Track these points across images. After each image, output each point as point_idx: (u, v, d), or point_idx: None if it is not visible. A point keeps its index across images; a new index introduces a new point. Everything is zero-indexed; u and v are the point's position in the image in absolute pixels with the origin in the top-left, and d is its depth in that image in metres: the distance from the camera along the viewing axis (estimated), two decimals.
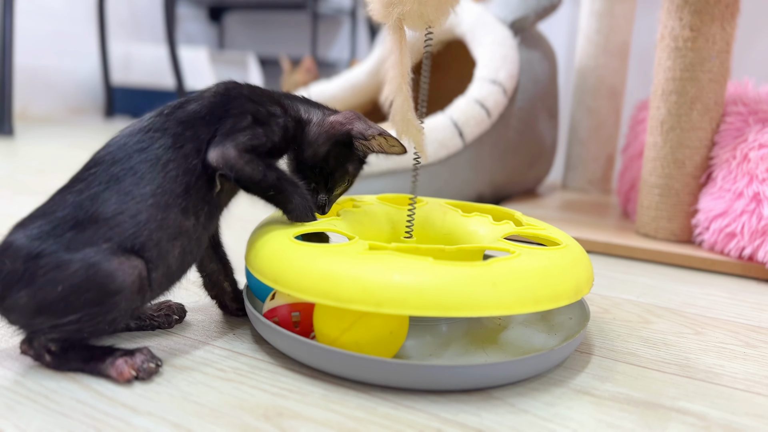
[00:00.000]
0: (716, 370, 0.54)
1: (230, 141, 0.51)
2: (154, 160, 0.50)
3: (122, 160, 0.50)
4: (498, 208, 0.67)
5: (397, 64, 0.60)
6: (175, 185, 0.50)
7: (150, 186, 0.49)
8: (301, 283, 0.46)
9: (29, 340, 0.48)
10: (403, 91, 0.60)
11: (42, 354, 0.48)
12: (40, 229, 0.47)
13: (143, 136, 0.51)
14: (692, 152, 0.87)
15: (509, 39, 1.09)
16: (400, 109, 0.60)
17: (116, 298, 0.46)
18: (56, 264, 0.45)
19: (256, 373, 0.49)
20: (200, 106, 0.53)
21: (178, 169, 0.50)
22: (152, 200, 0.49)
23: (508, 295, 0.45)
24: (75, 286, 0.45)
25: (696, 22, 0.84)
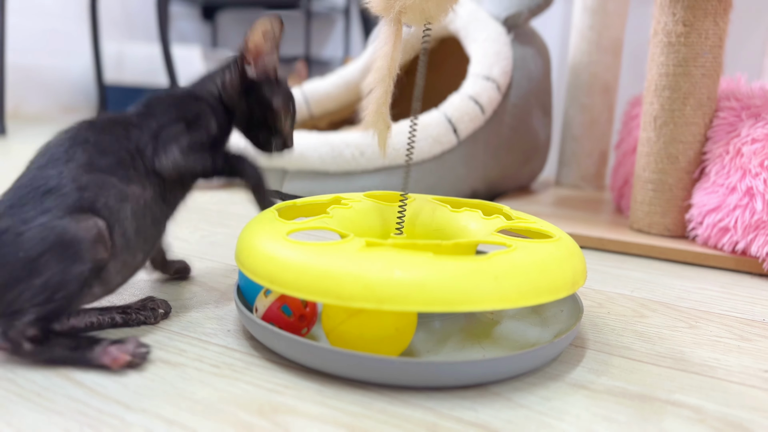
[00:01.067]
0: (711, 363, 0.54)
1: (173, 147, 0.55)
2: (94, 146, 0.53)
3: (61, 150, 0.53)
4: (487, 203, 0.67)
5: (387, 57, 0.60)
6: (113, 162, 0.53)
7: (89, 160, 0.52)
8: (299, 282, 0.46)
9: (3, 332, 0.46)
10: (385, 83, 0.60)
11: (21, 343, 0.46)
12: None
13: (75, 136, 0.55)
14: (685, 147, 0.87)
15: (503, 35, 1.09)
16: (375, 101, 0.60)
17: (77, 248, 0.47)
18: (14, 234, 0.47)
19: (251, 369, 0.49)
20: (130, 116, 0.58)
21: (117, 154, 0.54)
22: (92, 169, 0.52)
23: (510, 288, 0.45)
24: (36, 249, 0.46)
25: (689, 18, 0.84)
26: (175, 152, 0.55)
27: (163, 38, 2.45)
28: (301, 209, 0.66)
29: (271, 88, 0.62)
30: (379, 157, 0.98)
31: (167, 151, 0.55)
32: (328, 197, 0.67)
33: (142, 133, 0.56)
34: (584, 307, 0.66)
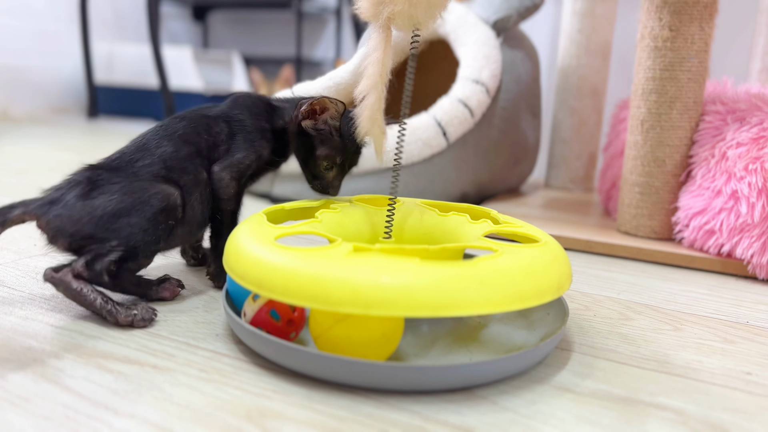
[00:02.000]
0: (694, 365, 0.55)
1: (227, 169, 0.67)
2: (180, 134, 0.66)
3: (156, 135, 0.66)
4: (474, 207, 0.68)
5: (378, 63, 0.61)
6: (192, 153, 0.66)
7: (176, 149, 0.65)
8: (287, 287, 0.46)
9: (90, 262, 0.57)
10: (377, 89, 0.61)
11: (102, 274, 0.57)
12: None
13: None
14: (672, 151, 0.88)
15: (492, 39, 1.09)
16: (370, 107, 0.60)
17: (157, 209, 0.60)
18: (109, 192, 0.59)
19: (239, 373, 0.49)
20: (216, 114, 0.70)
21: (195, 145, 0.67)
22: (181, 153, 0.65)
23: (495, 293, 0.46)
24: (127, 204, 0.59)
25: (675, 23, 0.85)
26: (227, 177, 0.67)
27: (154, 39, 2.44)
28: (290, 213, 0.67)
29: (322, 139, 0.68)
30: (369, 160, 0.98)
31: (227, 170, 0.67)
32: (317, 201, 0.68)
33: (219, 134, 0.68)
34: (571, 309, 0.67)
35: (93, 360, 0.50)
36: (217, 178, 0.66)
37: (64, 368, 0.49)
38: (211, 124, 0.68)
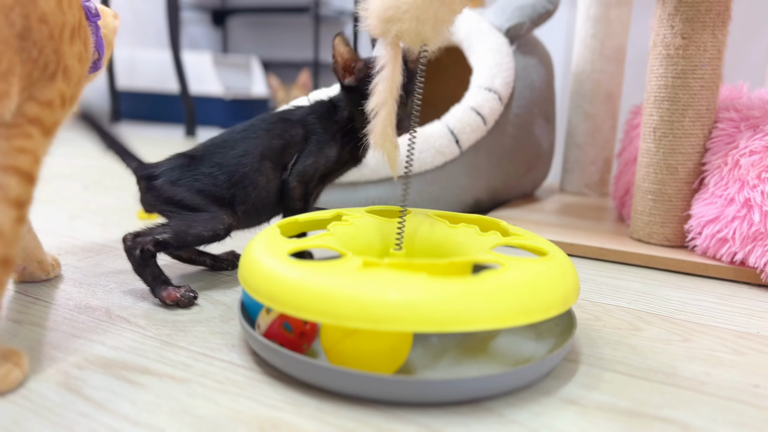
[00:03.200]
0: (702, 378, 0.55)
1: (296, 175, 0.75)
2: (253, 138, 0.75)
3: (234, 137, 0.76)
4: (484, 218, 0.69)
5: (388, 79, 0.62)
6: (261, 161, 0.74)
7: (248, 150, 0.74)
8: (297, 302, 0.47)
9: (137, 234, 0.68)
10: (388, 105, 0.62)
11: (136, 249, 0.66)
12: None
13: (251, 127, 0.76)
14: (685, 158, 0.88)
15: (505, 46, 1.10)
16: (381, 123, 0.62)
17: (213, 219, 0.70)
18: (184, 183, 0.71)
19: (253, 384, 0.51)
20: (295, 119, 0.77)
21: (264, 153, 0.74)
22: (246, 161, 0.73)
23: (500, 308, 0.47)
24: (188, 199, 0.70)
25: (687, 31, 0.85)
26: (294, 182, 0.75)
27: (174, 45, 2.48)
28: (303, 225, 0.68)
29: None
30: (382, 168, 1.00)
31: (296, 176, 0.75)
32: (330, 213, 0.69)
33: (294, 137, 0.75)
34: (581, 319, 0.68)
35: (114, 371, 0.52)
36: (286, 182, 0.75)
37: (86, 379, 0.51)
38: (289, 128, 0.76)
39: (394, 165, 0.65)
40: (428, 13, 0.59)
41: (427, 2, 0.58)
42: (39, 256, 0.73)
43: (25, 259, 0.72)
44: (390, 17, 0.59)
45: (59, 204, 1.17)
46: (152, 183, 0.71)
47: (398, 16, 0.59)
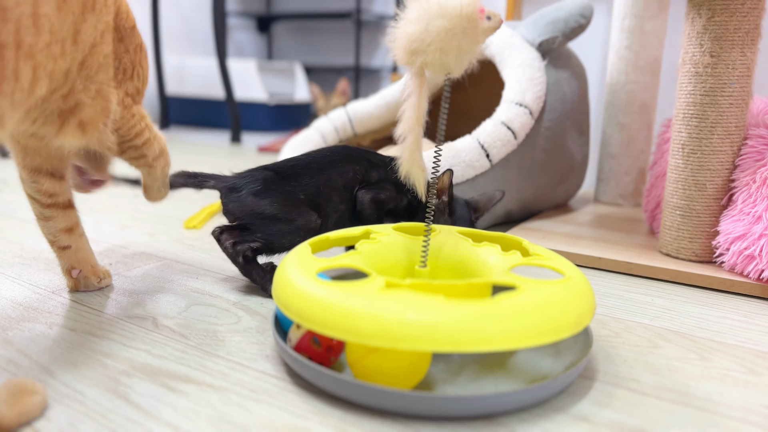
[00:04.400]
0: (714, 398, 0.57)
1: (369, 193, 0.83)
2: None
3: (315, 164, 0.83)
4: (507, 237, 0.71)
5: (414, 107, 0.66)
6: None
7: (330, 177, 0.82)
8: (323, 320, 0.52)
9: (236, 243, 0.77)
10: (414, 132, 0.65)
11: (238, 257, 0.77)
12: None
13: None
14: (713, 175, 0.89)
15: (537, 61, 1.12)
16: (408, 148, 0.65)
17: (303, 228, 0.79)
18: (270, 199, 0.79)
19: (284, 394, 0.55)
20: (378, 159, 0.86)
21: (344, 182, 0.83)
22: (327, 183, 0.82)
23: (513, 330, 0.50)
24: (282, 211, 0.78)
25: (716, 49, 0.86)
26: (368, 200, 0.82)
27: (220, 52, 2.56)
28: (334, 242, 0.72)
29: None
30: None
31: (368, 194, 0.82)
32: (359, 230, 0.73)
33: (369, 178, 0.84)
34: (601, 336, 0.70)
35: (158, 379, 0.57)
36: (361, 200, 0.82)
37: (133, 386, 0.56)
38: (369, 169, 0.84)
39: (422, 188, 0.69)
40: (451, 45, 0.62)
41: (451, 35, 0.61)
42: (92, 261, 0.79)
43: (80, 263, 0.78)
44: (415, 49, 0.63)
45: (111, 212, 1.25)
46: (237, 195, 0.79)
47: (423, 48, 0.62)
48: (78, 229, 0.76)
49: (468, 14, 0.62)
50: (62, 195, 0.73)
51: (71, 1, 0.55)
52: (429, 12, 0.62)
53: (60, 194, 0.73)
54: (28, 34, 0.50)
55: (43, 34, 0.52)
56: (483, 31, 0.63)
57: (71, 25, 0.56)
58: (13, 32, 0.49)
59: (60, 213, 0.74)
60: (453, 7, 0.61)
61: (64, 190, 0.73)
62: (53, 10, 0.53)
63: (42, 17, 0.51)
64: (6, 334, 0.66)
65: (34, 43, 0.51)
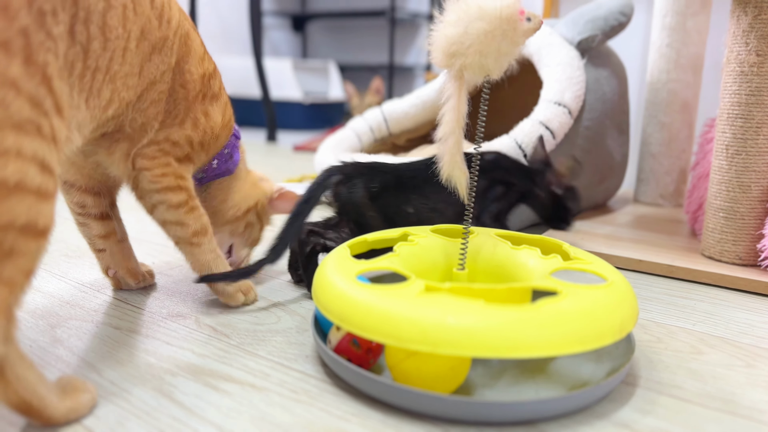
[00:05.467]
0: (761, 406, 0.56)
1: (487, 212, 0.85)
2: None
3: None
4: (547, 240, 0.71)
5: (454, 109, 0.66)
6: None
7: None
8: (363, 323, 0.52)
9: (310, 232, 0.79)
10: (455, 134, 0.65)
11: (307, 246, 0.79)
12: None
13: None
14: (758, 176, 0.87)
15: (576, 60, 1.11)
16: (450, 150, 0.65)
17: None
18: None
19: (324, 395, 0.56)
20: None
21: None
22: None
23: (554, 336, 0.49)
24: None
25: (762, 48, 0.84)
26: (488, 219, 0.85)
27: (257, 52, 2.59)
28: (372, 244, 0.73)
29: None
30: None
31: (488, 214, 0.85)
32: (397, 232, 0.73)
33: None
34: (643, 341, 0.69)
35: (202, 378, 0.59)
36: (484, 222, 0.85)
37: (177, 385, 0.57)
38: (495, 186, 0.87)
39: (464, 190, 0.68)
40: (491, 47, 0.61)
41: (490, 37, 0.61)
42: (130, 264, 0.81)
43: (116, 265, 0.80)
44: (454, 52, 0.62)
45: None
46: (343, 189, 0.80)
47: (462, 51, 0.62)
48: (115, 236, 0.78)
49: (508, 16, 0.61)
50: (95, 208, 0.76)
51: (145, 42, 0.62)
52: (468, 14, 0.62)
53: (91, 207, 0.76)
54: (116, 63, 0.58)
55: (125, 65, 0.59)
56: (523, 32, 0.63)
57: (141, 61, 0.62)
58: (108, 60, 0.57)
59: (93, 222, 0.77)
60: (493, 9, 0.61)
61: (98, 204, 0.76)
62: (134, 47, 0.60)
63: (128, 51, 0.59)
64: (55, 331, 0.68)
65: (118, 71, 0.59)
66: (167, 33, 0.65)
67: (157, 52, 0.64)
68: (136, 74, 0.62)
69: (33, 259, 0.47)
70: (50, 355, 0.62)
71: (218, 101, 0.75)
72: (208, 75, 0.73)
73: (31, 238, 0.46)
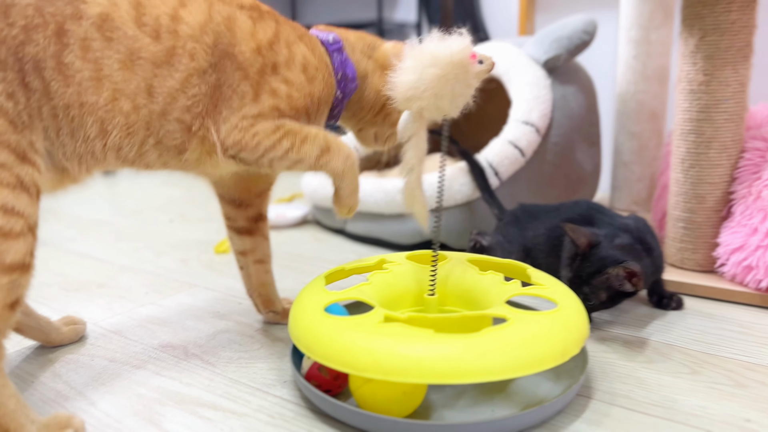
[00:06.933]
0: (698, 412, 0.61)
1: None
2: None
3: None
4: (513, 264, 0.76)
5: (415, 147, 0.71)
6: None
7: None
8: (327, 354, 0.57)
9: (479, 233, 0.98)
10: (416, 171, 0.71)
11: (471, 242, 0.99)
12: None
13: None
14: (712, 188, 0.92)
15: (542, 79, 1.16)
16: (410, 185, 0.70)
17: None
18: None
19: (298, 419, 0.61)
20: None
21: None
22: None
23: (495, 363, 0.54)
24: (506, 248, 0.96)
25: (709, 67, 0.89)
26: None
27: None
28: (349, 272, 0.78)
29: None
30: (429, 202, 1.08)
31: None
32: (374, 260, 0.78)
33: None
34: (601, 352, 0.74)
35: (188, 406, 0.64)
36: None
37: (165, 413, 0.63)
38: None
39: (423, 220, 0.73)
40: (445, 90, 0.66)
41: (443, 81, 0.66)
42: (263, 290, 0.85)
43: (249, 286, 0.85)
44: (411, 96, 0.67)
45: (147, 239, 1.33)
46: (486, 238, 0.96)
47: (418, 95, 0.67)
48: (253, 254, 0.83)
49: (459, 61, 0.66)
50: (237, 221, 0.81)
51: (140, 61, 0.62)
52: (422, 61, 0.66)
53: (234, 219, 0.82)
54: (89, 95, 0.60)
55: (103, 92, 0.60)
56: (476, 74, 0.67)
57: (141, 79, 0.63)
58: (76, 94, 0.59)
59: (235, 235, 0.83)
60: (444, 55, 0.65)
61: (240, 218, 0.81)
62: (117, 69, 0.61)
63: (104, 79, 0.60)
64: (54, 366, 0.74)
65: (95, 101, 0.60)
66: (173, 44, 0.64)
67: (164, 65, 0.64)
68: (143, 92, 0.63)
69: (9, 292, 0.53)
70: (50, 390, 0.68)
71: (292, 62, 0.72)
72: (267, 43, 0.70)
73: (0, 273, 0.52)
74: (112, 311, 0.91)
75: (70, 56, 0.58)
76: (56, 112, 0.58)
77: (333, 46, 0.78)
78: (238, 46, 0.68)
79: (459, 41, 0.66)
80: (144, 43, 0.62)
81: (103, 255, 1.20)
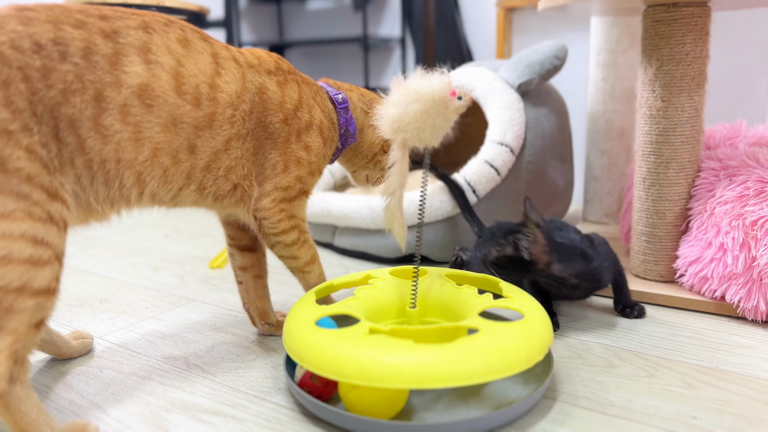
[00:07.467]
0: (651, 411, 0.68)
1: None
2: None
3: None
4: (487, 278, 0.83)
5: (397, 173, 0.78)
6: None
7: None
8: (317, 363, 0.64)
9: (461, 249, 1.06)
10: (396, 194, 0.78)
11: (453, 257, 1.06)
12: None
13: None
14: (671, 204, 1.00)
15: (516, 102, 1.24)
16: (391, 208, 0.78)
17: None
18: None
19: (293, 423, 0.68)
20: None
21: None
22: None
23: (467, 369, 0.61)
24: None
25: (666, 94, 0.97)
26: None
27: None
28: (338, 287, 0.85)
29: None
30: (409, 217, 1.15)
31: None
32: (360, 275, 0.86)
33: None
34: (565, 357, 0.81)
35: (192, 413, 0.70)
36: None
37: (172, 420, 0.69)
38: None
39: (402, 240, 0.81)
40: (427, 123, 0.73)
41: (425, 115, 0.73)
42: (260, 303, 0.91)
43: (248, 300, 0.91)
44: (396, 128, 0.74)
45: (144, 255, 1.39)
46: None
47: (403, 128, 0.74)
48: (252, 270, 0.90)
49: (440, 98, 0.73)
50: (241, 240, 0.89)
51: (183, 125, 0.69)
52: (407, 97, 0.73)
53: (239, 240, 0.89)
54: (127, 152, 0.67)
55: (143, 150, 0.68)
56: (455, 109, 0.75)
57: (184, 140, 0.70)
58: (114, 152, 0.66)
59: (237, 252, 0.90)
60: (427, 92, 0.72)
61: (243, 237, 0.89)
62: (159, 131, 0.68)
63: (143, 139, 0.67)
64: (66, 378, 0.80)
65: (134, 158, 0.67)
66: (213, 110, 0.71)
67: (206, 128, 0.71)
68: (185, 149, 0.70)
69: (35, 313, 0.60)
70: (64, 400, 0.74)
71: (311, 126, 0.81)
72: (293, 110, 0.79)
73: (28, 297, 0.59)
74: (116, 325, 0.97)
75: (109, 119, 0.65)
76: (91, 165, 0.65)
77: (341, 105, 0.88)
78: (270, 116, 0.77)
79: (440, 79, 0.73)
80: (186, 110, 0.69)
81: (102, 271, 1.26)
